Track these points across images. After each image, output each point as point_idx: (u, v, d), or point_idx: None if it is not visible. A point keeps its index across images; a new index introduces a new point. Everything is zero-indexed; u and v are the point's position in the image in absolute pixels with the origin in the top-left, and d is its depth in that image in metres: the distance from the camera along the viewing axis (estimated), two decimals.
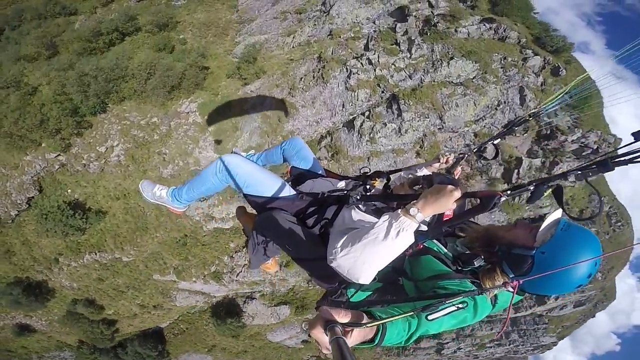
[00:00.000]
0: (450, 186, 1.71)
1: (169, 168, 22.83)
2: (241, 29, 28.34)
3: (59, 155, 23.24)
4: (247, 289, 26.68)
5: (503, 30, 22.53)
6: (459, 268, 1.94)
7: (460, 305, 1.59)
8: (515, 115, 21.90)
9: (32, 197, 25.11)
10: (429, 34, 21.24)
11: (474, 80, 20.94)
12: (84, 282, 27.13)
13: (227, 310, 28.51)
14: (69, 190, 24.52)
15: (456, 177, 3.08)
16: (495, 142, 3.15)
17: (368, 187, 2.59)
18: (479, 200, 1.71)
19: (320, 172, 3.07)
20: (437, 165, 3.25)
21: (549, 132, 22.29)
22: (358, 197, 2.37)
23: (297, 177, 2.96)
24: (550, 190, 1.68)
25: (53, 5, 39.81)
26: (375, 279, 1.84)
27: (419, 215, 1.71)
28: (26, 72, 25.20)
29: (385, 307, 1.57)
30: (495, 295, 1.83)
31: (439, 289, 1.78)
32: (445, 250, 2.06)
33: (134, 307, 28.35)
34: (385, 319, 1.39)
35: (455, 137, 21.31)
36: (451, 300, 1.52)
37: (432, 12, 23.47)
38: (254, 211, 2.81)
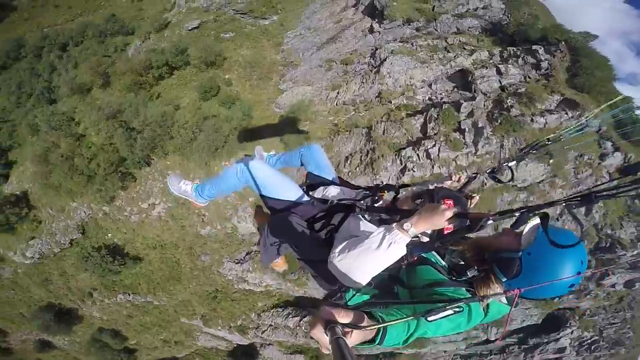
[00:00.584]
0: (443, 206, 1.68)
1: (206, 229, 21.87)
2: (285, 74, 25.35)
3: (104, 205, 21.77)
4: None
5: (585, 120, 17.52)
6: (454, 278, 1.87)
7: (456, 310, 1.47)
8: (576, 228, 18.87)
9: (75, 238, 24.30)
10: (499, 121, 17.01)
11: (540, 184, 16.67)
12: (113, 316, 27.76)
13: (244, 352, 27.22)
14: (110, 235, 24.41)
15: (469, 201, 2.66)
16: (511, 164, 2.88)
17: (376, 198, 2.59)
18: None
19: (334, 180, 2.93)
20: (448, 183, 2.93)
21: (608, 244, 18.93)
22: (364, 207, 2.32)
23: (312, 183, 2.88)
24: (535, 218, 1.67)
25: (113, 23, 38.24)
26: (371, 284, 1.84)
27: (412, 230, 1.69)
28: (78, 113, 23.67)
29: (386, 308, 1.55)
30: (487, 305, 1.77)
31: (435, 295, 1.74)
32: (442, 262, 2.01)
33: (157, 341, 28.78)
34: (387, 320, 1.35)
35: None
36: (450, 305, 1.46)
37: (500, 81, 18.88)
38: (269, 211, 2.73)
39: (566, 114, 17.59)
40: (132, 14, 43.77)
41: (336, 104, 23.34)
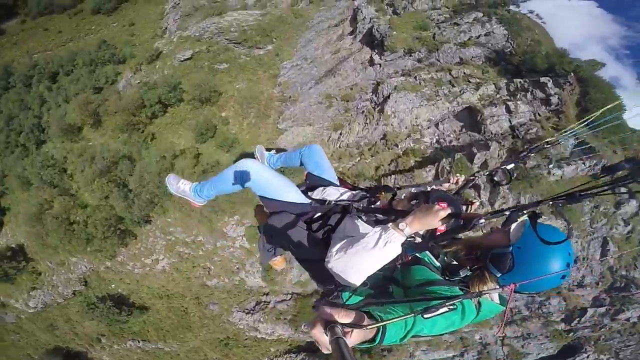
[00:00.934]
0: (437, 206, 1.65)
1: (213, 281, 20.03)
2: (284, 111, 23.25)
3: (106, 261, 20.02)
4: None
5: (602, 167, 15.90)
6: (447, 278, 1.83)
7: (451, 307, 1.40)
8: (591, 270, 17.82)
9: (78, 290, 22.32)
10: (515, 174, 14.80)
11: None
12: None
13: None
14: (113, 285, 22.51)
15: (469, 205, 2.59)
16: (508, 167, 2.67)
17: (373, 199, 2.48)
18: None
19: (333, 181, 2.80)
20: (447, 185, 2.85)
21: (622, 284, 17.75)
22: (360, 208, 2.25)
23: (311, 184, 2.74)
24: (524, 216, 1.66)
25: (104, 51, 35.42)
26: (367, 284, 1.78)
27: (407, 229, 1.65)
28: (69, 164, 21.43)
29: (384, 307, 1.47)
30: (479, 303, 1.71)
31: (430, 294, 1.68)
32: (436, 262, 1.94)
33: None
34: (386, 319, 1.29)
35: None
36: (446, 302, 1.41)
37: (510, 120, 17.13)
38: (268, 212, 2.59)
39: (583, 163, 15.87)
40: (123, 38, 40.79)
41: (339, 147, 21.29)
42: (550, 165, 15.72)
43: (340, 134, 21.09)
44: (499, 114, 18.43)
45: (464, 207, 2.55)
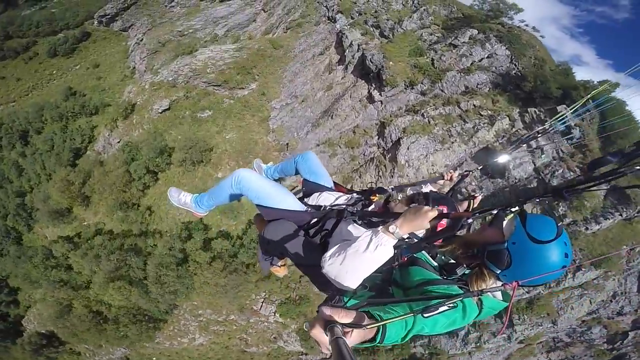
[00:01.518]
0: (426, 207, 1.51)
1: (252, 349, 18.25)
2: None
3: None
4: None
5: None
6: (445, 277, 1.68)
7: (451, 305, 1.32)
8: (630, 302, 16.28)
9: None
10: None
11: (594, 280, 13.49)
12: None
13: None
14: (154, 359, 19.43)
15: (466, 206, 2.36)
16: (502, 160, 2.72)
17: (367, 202, 2.31)
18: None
19: (328, 186, 2.59)
20: (441, 182, 2.69)
21: None
22: (354, 212, 2.09)
23: (306, 190, 2.57)
24: (511, 214, 1.52)
25: (72, 103, 30.00)
26: (366, 287, 1.69)
27: (397, 232, 1.50)
28: (74, 263, 17.93)
29: (384, 307, 1.37)
30: (481, 301, 1.57)
31: (429, 293, 1.55)
32: (433, 262, 1.79)
33: None
34: (386, 319, 1.19)
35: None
36: (446, 301, 1.30)
37: (533, 162, 14.88)
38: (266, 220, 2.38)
39: (620, 214, 13.70)
40: (91, 84, 34.72)
41: None
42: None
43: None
44: (522, 156, 15.81)
45: (466, 202, 2.33)
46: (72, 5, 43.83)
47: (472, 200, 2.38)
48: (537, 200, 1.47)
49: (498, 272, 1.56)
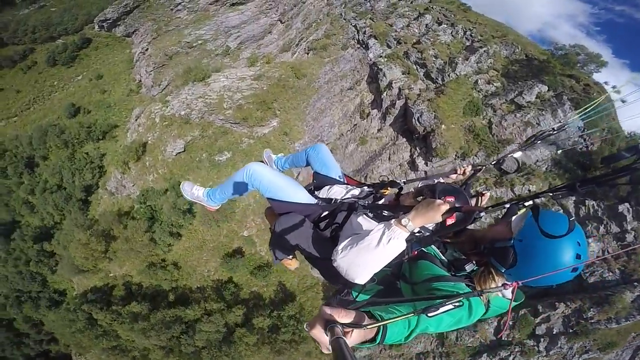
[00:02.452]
0: (438, 200, 1.46)
1: None
2: None
3: None
4: None
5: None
6: (453, 273, 1.61)
7: (456, 304, 1.26)
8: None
9: None
10: (575, 329, 12.46)
11: None
12: None
13: None
14: None
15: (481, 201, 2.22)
16: (516, 155, 1.40)
17: (378, 195, 2.26)
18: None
19: (339, 179, 2.52)
20: (453, 176, 2.44)
21: None
22: (366, 205, 2.03)
23: (317, 183, 2.50)
24: (524, 208, 1.49)
25: (78, 129, 27.61)
26: (374, 280, 1.63)
27: (410, 225, 1.47)
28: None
29: (386, 307, 1.31)
30: (488, 300, 1.50)
31: (434, 291, 1.50)
32: (442, 257, 1.73)
33: None
34: (386, 319, 1.16)
35: None
36: (450, 300, 1.23)
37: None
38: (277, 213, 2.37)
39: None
40: (95, 98, 32.08)
41: None
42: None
43: None
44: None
45: (474, 199, 2.17)
46: (70, 7, 39.92)
47: (480, 197, 2.24)
48: (551, 194, 1.38)
49: (503, 270, 1.51)
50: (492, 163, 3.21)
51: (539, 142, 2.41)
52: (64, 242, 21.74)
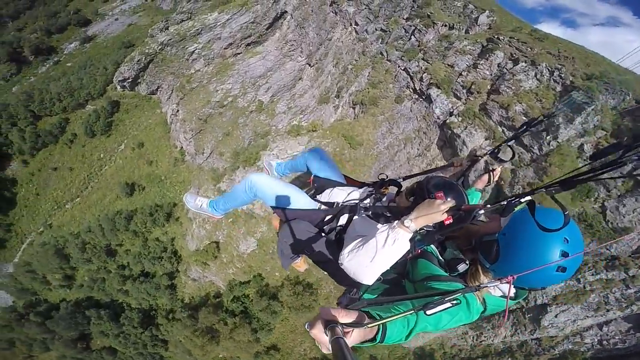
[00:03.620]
0: (438, 200, 1.51)
1: None
2: None
3: None
4: None
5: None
6: (449, 273, 1.65)
7: (454, 302, 1.24)
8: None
9: None
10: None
11: None
12: None
13: None
14: None
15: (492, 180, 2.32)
16: (511, 143, 2.37)
17: (378, 196, 2.28)
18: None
19: (339, 180, 2.57)
20: (452, 169, 2.52)
21: None
22: (367, 207, 2.12)
23: (318, 187, 2.54)
24: (522, 204, 1.42)
25: (142, 216, 28.90)
26: (380, 279, 1.71)
27: (412, 225, 1.51)
28: None
29: (385, 307, 1.32)
30: (484, 299, 1.52)
31: (431, 289, 1.53)
32: (439, 257, 1.76)
33: None
34: (385, 318, 1.16)
35: None
36: (446, 298, 1.23)
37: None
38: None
39: None
40: (144, 171, 32.59)
41: (479, 342, 17.72)
42: None
43: (479, 335, 17.30)
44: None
45: (487, 175, 2.30)
46: (83, 63, 38.86)
47: (491, 173, 2.28)
48: (544, 190, 1.36)
49: (488, 266, 1.52)
50: (488, 153, 2.71)
51: (532, 129, 2.37)
52: (171, 331, 24.46)
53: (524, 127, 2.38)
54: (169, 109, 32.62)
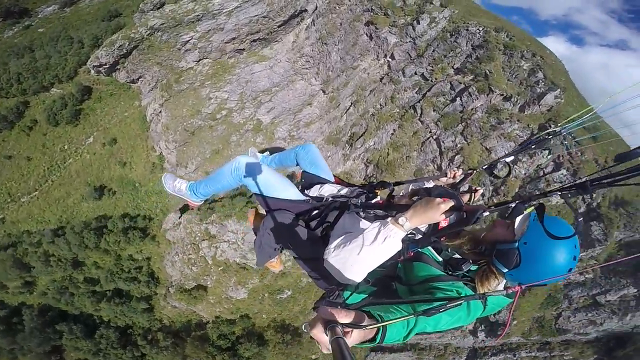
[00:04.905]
0: (438, 199, 1.44)
1: None
2: None
3: None
4: None
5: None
6: (449, 273, 1.61)
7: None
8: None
9: None
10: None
11: None
12: None
13: None
14: None
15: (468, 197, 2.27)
16: (508, 160, 2.35)
17: (370, 195, 2.24)
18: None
19: (329, 179, 2.50)
20: (444, 179, 2.48)
21: None
22: (358, 204, 2.01)
23: (307, 182, 2.48)
24: (531, 208, 1.46)
25: (113, 227, 25.19)
26: (368, 282, 1.64)
27: (407, 224, 1.46)
28: None
29: (385, 307, 1.30)
30: (485, 298, 1.47)
31: (433, 290, 1.51)
32: (438, 257, 1.70)
33: None
34: (386, 319, 1.16)
35: None
36: (450, 304, 1.23)
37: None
38: (265, 210, 2.32)
39: None
40: (115, 172, 27.96)
41: None
42: None
43: None
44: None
45: (468, 195, 2.25)
46: (57, 34, 32.47)
47: (473, 194, 2.26)
48: (559, 194, 1.34)
49: (505, 271, 1.50)
50: (484, 167, 2.32)
51: (533, 147, 2.28)
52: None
53: (525, 145, 2.33)
54: (149, 106, 28.00)
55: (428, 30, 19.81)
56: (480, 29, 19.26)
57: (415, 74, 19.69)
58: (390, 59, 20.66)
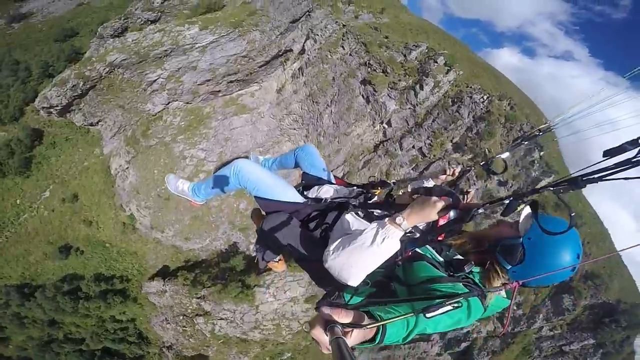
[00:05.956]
0: (434, 197, 1.50)
1: None
2: None
3: None
4: None
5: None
6: (451, 274, 1.61)
7: (455, 305, 1.31)
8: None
9: None
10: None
11: None
12: None
13: None
14: None
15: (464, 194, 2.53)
16: (503, 156, 2.52)
17: (369, 195, 2.34)
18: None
19: (328, 179, 2.63)
20: (443, 177, 2.68)
21: None
22: (356, 205, 2.10)
23: (307, 183, 2.61)
24: (524, 205, 1.49)
25: (90, 290, 23.20)
26: (368, 283, 1.61)
27: (404, 223, 1.50)
28: None
29: (385, 307, 1.35)
30: (484, 295, 1.55)
31: (433, 291, 1.50)
32: (439, 258, 1.75)
33: None
34: (385, 319, 1.18)
35: None
36: (449, 301, 1.28)
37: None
38: (264, 213, 2.48)
39: None
40: (80, 232, 24.87)
41: None
42: None
43: None
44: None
45: (460, 197, 2.24)
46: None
47: (465, 195, 2.30)
48: (552, 189, 1.32)
49: (508, 267, 1.52)
50: (481, 164, 2.32)
51: (526, 143, 2.41)
52: None
53: (518, 141, 2.43)
54: (114, 159, 24.57)
55: (430, 97, 17.77)
56: (485, 97, 17.53)
57: (413, 147, 17.88)
58: (386, 126, 18.55)
